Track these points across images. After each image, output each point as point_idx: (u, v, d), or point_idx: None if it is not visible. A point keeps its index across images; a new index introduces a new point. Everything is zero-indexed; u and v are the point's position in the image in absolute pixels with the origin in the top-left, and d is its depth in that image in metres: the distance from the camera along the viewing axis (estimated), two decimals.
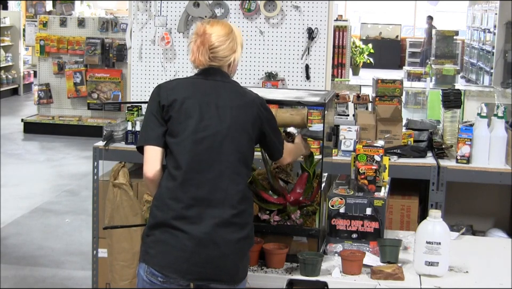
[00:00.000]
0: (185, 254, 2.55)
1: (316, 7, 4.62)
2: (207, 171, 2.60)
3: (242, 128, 2.66)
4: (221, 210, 2.58)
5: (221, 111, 2.66)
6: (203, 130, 2.63)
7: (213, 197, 2.59)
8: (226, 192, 2.60)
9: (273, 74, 4.67)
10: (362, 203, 2.98)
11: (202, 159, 2.61)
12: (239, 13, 4.69)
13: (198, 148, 2.61)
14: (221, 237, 2.57)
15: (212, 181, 2.60)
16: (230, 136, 2.64)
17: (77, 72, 10.20)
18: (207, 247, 2.55)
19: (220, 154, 2.62)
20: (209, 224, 2.56)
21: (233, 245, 2.58)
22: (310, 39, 4.64)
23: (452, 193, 4.33)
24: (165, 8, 4.74)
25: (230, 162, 2.62)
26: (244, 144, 2.66)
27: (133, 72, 4.82)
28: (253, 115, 2.69)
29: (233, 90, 2.74)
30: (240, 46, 2.80)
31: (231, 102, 2.68)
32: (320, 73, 4.68)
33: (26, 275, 5.15)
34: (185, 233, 2.56)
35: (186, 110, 2.64)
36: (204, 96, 2.68)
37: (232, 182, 2.62)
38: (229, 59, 2.74)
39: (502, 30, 11.18)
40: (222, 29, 2.74)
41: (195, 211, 2.57)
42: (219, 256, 2.56)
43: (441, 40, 12.30)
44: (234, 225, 2.60)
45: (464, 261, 2.98)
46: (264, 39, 4.69)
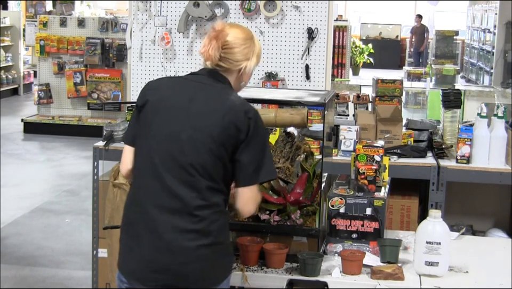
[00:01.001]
0: (144, 261, 2.50)
1: (316, 7, 4.62)
2: (164, 177, 2.49)
3: (207, 135, 2.49)
4: (177, 217, 2.48)
5: (190, 115, 2.51)
6: (165, 135, 2.52)
7: (169, 204, 2.48)
8: (182, 199, 2.47)
9: (273, 74, 4.67)
10: (362, 203, 2.98)
11: (160, 164, 2.51)
12: (239, 13, 4.69)
13: (157, 152, 2.53)
14: (178, 245, 2.46)
15: (168, 188, 2.48)
16: (191, 142, 2.49)
17: (77, 72, 10.20)
18: (164, 254, 2.47)
19: (178, 161, 2.49)
20: (164, 231, 2.47)
21: (192, 252, 2.47)
22: (310, 39, 4.64)
23: (452, 193, 4.33)
24: (165, 8, 4.74)
25: (188, 169, 2.48)
26: (205, 152, 2.48)
27: (133, 72, 4.82)
28: (224, 123, 2.48)
29: (215, 95, 2.56)
30: (256, 56, 2.67)
31: (206, 107, 2.52)
32: (320, 73, 4.68)
33: (26, 275, 5.15)
34: (143, 240, 2.50)
35: (154, 112, 2.56)
36: (179, 99, 2.56)
37: (190, 189, 2.47)
38: (240, 65, 2.62)
39: (502, 30, 11.18)
40: (241, 32, 2.66)
41: (151, 217, 2.50)
42: (177, 264, 2.47)
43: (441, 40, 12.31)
44: (194, 232, 2.47)
45: (464, 261, 2.98)
46: (264, 39, 4.69)
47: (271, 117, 3.06)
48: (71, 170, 8.33)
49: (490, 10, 12.64)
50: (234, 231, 3.00)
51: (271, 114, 3.07)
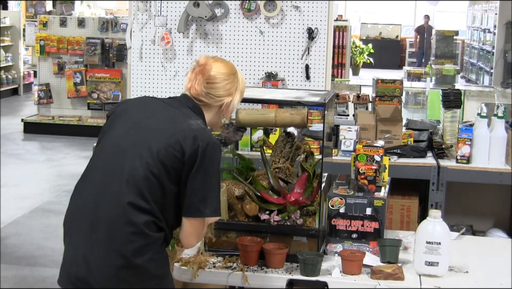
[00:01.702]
0: (65, 268, 2.52)
1: (316, 7, 4.62)
2: (95, 187, 2.46)
3: (147, 148, 2.41)
4: (96, 232, 2.42)
5: (140, 130, 2.47)
6: (111, 144, 2.50)
7: (92, 216, 2.44)
8: (106, 213, 2.40)
9: (273, 74, 4.67)
10: (362, 203, 2.98)
11: (97, 173, 2.49)
12: (239, 13, 4.69)
13: (98, 160, 2.53)
14: (93, 259, 2.41)
15: (95, 197, 2.45)
16: (130, 154, 2.43)
17: (77, 72, 10.20)
18: (80, 266, 2.45)
19: (113, 172, 2.44)
20: (84, 244, 2.45)
21: (106, 269, 2.39)
22: (310, 39, 4.64)
23: (452, 193, 4.33)
24: (165, 8, 4.74)
25: (117, 184, 2.41)
26: (140, 166, 2.40)
27: (133, 72, 4.82)
28: (169, 141, 2.40)
29: (175, 116, 2.50)
30: (239, 93, 2.63)
31: (160, 124, 2.47)
32: (320, 73, 4.68)
33: (26, 275, 5.15)
34: (68, 250, 2.54)
35: (112, 123, 2.57)
36: (138, 114, 2.53)
37: (115, 202, 2.40)
38: (222, 100, 2.58)
39: (502, 30, 11.18)
40: (224, 66, 2.61)
41: (75, 227, 2.52)
42: (91, 279, 2.41)
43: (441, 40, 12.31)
44: (109, 250, 2.39)
45: (464, 261, 2.98)
46: (264, 39, 4.69)
47: (271, 117, 3.06)
48: (71, 170, 8.33)
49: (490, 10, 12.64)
50: (234, 231, 3.00)
51: (271, 114, 3.07)
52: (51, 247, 5.69)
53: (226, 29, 4.71)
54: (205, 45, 4.74)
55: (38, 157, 9.20)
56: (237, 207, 3.02)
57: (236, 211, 3.02)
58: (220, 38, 4.71)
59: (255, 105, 4.19)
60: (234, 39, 4.71)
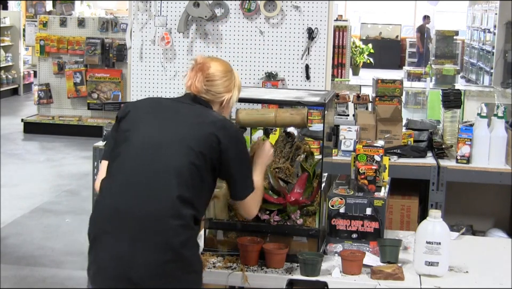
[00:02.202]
0: (102, 267, 2.51)
1: (316, 7, 4.62)
2: (133, 185, 2.48)
3: (187, 143, 2.50)
4: (141, 228, 2.43)
5: (172, 125, 2.56)
6: (140, 144, 2.53)
7: (136, 213, 2.45)
8: (154, 208, 2.44)
9: (273, 74, 4.67)
10: (362, 203, 2.98)
11: (133, 171, 2.50)
12: (239, 13, 4.69)
13: (127, 161, 2.52)
14: (139, 255, 2.42)
15: (136, 195, 2.47)
16: (170, 149, 2.50)
17: (77, 72, 10.20)
18: (122, 263, 2.44)
19: (152, 170, 2.48)
20: (127, 241, 2.44)
21: (153, 263, 2.41)
22: (310, 39, 4.64)
23: (452, 193, 4.33)
24: (165, 8, 4.74)
25: (162, 178, 2.47)
26: (183, 160, 2.48)
27: (133, 72, 4.82)
28: (205, 134, 2.52)
29: (198, 111, 2.62)
30: (237, 89, 2.75)
31: (190, 118, 2.58)
32: (320, 73, 4.68)
33: (26, 275, 5.15)
34: (105, 249, 2.48)
35: (134, 122, 2.59)
36: (159, 112, 2.61)
37: (163, 199, 2.45)
38: (222, 97, 2.69)
39: (502, 30, 11.17)
40: (220, 64, 2.73)
41: (114, 227, 2.48)
42: (135, 275, 2.43)
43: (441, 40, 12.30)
44: (157, 243, 2.42)
45: (464, 261, 2.98)
46: (264, 39, 4.69)
47: (271, 117, 3.06)
48: (71, 170, 8.33)
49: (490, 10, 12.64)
50: (235, 231, 3.00)
51: (271, 114, 3.07)
52: (51, 247, 5.69)
53: (226, 29, 4.71)
54: (205, 45, 4.74)
55: (38, 157, 9.20)
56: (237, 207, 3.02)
57: (236, 211, 3.02)
58: (220, 38, 4.71)
59: (255, 105, 4.20)
60: (234, 39, 4.71)
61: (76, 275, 5.12)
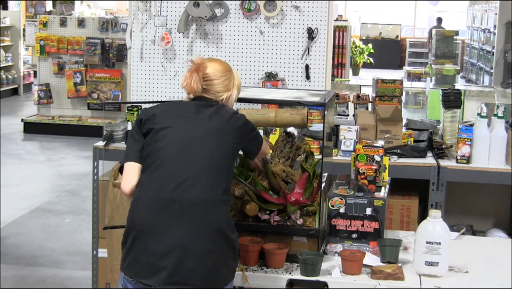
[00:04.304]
0: (152, 260, 2.54)
1: (316, 7, 4.62)
2: (182, 176, 2.58)
3: (218, 135, 2.66)
4: (195, 217, 2.54)
5: (198, 122, 2.67)
6: (178, 140, 2.63)
7: (183, 203, 2.54)
8: (198, 197, 2.55)
9: (273, 74, 4.67)
10: (362, 203, 2.98)
11: (178, 164, 2.60)
12: (239, 13, 4.69)
13: (174, 154, 2.62)
14: (189, 243, 2.53)
15: (186, 185, 2.57)
16: (208, 143, 2.64)
17: (77, 72, 10.20)
18: (176, 254, 2.52)
19: (193, 160, 2.60)
20: (182, 231, 2.52)
21: (206, 245, 2.54)
22: (310, 39, 4.64)
23: (452, 193, 4.33)
24: (165, 8, 4.74)
25: (202, 168, 2.60)
26: (220, 151, 2.65)
27: (133, 72, 4.82)
28: (234, 125, 2.70)
29: (213, 107, 2.74)
30: (236, 88, 2.82)
31: (213, 114, 2.70)
32: (320, 73, 4.68)
33: (26, 275, 5.15)
34: (159, 242, 2.53)
35: (163, 121, 2.68)
36: (184, 111, 2.72)
37: (206, 186, 2.58)
38: (221, 96, 2.77)
39: (502, 30, 11.17)
40: (219, 64, 2.80)
41: (164, 218, 2.55)
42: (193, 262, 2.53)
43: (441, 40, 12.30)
44: (210, 230, 2.55)
45: (464, 261, 2.98)
46: (264, 39, 4.69)
47: (271, 117, 3.06)
48: (71, 170, 8.33)
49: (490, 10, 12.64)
50: None
51: (271, 114, 3.07)
52: (51, 247, 5.69)
53: (226, 29, 4.71)
54: (205, 45, 4.74)
55: (38, 157, 9.20)
56: (237, 207, 3.02)
57: (236, 211, 3.02)
58: (220, 38, 4.71)
59: (255, 105, 4.20)
60: (234, 39, 4.71)
61: (76, 275, 5.12)
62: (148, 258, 2.52)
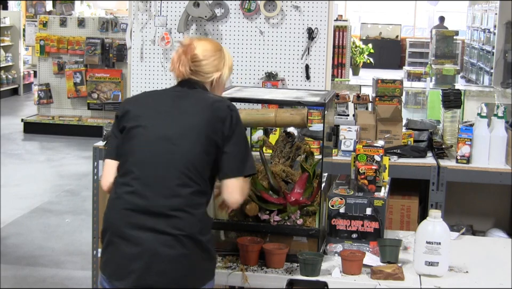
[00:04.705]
0: (122, 263, 2.51)
1: (316, 7, 4.62)
2: (151, 177, 2.51)
3: (196, 133, 2.53)
4: (160, 222, 2.47)
5: (175, 116, 2.57)
6: (152, 138, 2.55)
7: (152, 209, 2.48)
8: (166, 204, 2.48)
9: (273, 74, 4.67)
10: (362, 203, 2.98)
11: (146, 164, 2.52)
12: (239, 13, 4.69)
13: (144, 152, 2.54)
14: (158, 248, 2.46)
15: (153, 189, 2.50)
16: (180, 142, 2.52)
17: (77, 72, 10.20)
18: (145, 257, 2.47)
19: (166, 164, 2.51)
20: (150, 236, 2.47)
21: (176, 257, 2.47)
22: (310, 39, 4.64)
23: (452, 193, 4.33)
24: (165, 8, 4.74)
25: (172, 172, 2.50)
26: (194, 151, 2.52)
27: (133, 72, 4.82)
28: (210, 118, 2.55)
29: (195, 96, 2.62)
30: (228, 68, 2.74)
31: (190, 106, 2.59)
32: (320, 73, 4.68)
33: (26, 275, 5.15)
34: (127, 245, 2.49)
35: (137, 118, 2.59)
36: (160, 105, 2.61)
37: (176, 190, 2.49)
38: (211, 77, 2.68)
39: (502, 30, 11.18)
40: (209, 43, 2.72)
41: (135, 222, 2.49)
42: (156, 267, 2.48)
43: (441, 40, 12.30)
44: (173, 236, 2.47)
45: (464, 261, 2.98)
46: (264, 39, 4.69)
47: (271, 117, 3.06)
48: (71, 170, 8.33)
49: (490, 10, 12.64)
50: (235, 231, 3.00)
51: (271, 114, 3.07)
52: (51, 247, 5.69)
53: (226, 29, 4.71)
54: None
55: (38, 157, 9.20)
56: None
57: (236, 211, 3.02)
58: (220, 38, 4.71)
59: (255, 105, 4.20)
60: (234, 39, 4.71)
61: (76, 275, 5.12)
62: (119, 260, 2.50)
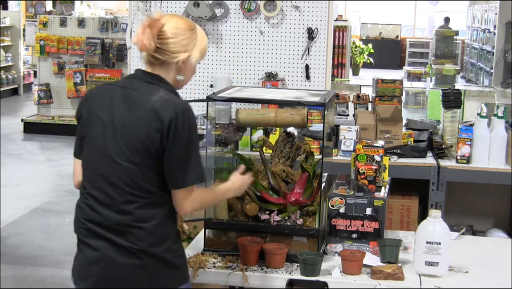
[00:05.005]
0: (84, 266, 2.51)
1: (316, 7, 4.63)
2: (95, 195, 2.44)
3: (133, 148, 2.37)
4: (112, 235, 2.42)
5: (114, 129, 2.41)
6: (95, 151, 2.45)
7: (106, 221, 2.43)
8: (114, 219, 2.41)
9: (273, 74, 4.67)
10: (362, 203, 2.98)
11: (94, 180, 2.45)
12: (239, 13, 4.69)
13: (90, 168, 2.47)
14: (113, 256, 2.43)
15: (101, 204, 2.44)
16: (119, 157, 2.39)
17: (77, 72, 10.21)
18: (101, 262, 2.45)
19: (111, 180, 2.41)
20: (106, 244, 2.44)
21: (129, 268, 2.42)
22: (310, 39, 4.64)
23: (452, 193, 4.33)
24: (165, 8, 4.74)
25: (120, 189, 2.40)
26: (135, 169, 2.38)
27: None
28: (148, 130, 2.36)
29: (138, 100, 2.42)
30: (199, 50, 2.52)
31: (129, 116, 2.40)
32: (320, 73, 4.68)
33: (26, 275, 5.15)
34: (87, 251, 2.48)
35: (87, 127, 2.48)
36: (104, 112, 2.44)
37: (119, 209, 2.41)
38: (177, 57, 2.46)
39: (502, 30, 11.18)
40: (181, 21, 2.51)
41: (93, 230, 2.46)
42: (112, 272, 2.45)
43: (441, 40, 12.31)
44: (126, 249, 2.42)
45: (464, 261, 2.98)
46: (264, 39, 4.69)
47: (271, 117, 3.06)
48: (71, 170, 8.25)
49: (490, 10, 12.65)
50: (234, 231, 3.00)
51: (271, 114, 3.07)
52: (51, 247, 5.69)
53: (226, 29, 4.71)
54: None
55: (38, 157, 9.20)
56: (237, 207, 3.02)
57: (236, 211, 3.02)
58: (220, 38, 4.72)
59: (255, 105, 4.20)
60: (234, 39, 4.71)
61: None
62: (82, 262, 2.51)
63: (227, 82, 4.45)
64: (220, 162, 3.11)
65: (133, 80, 2.51)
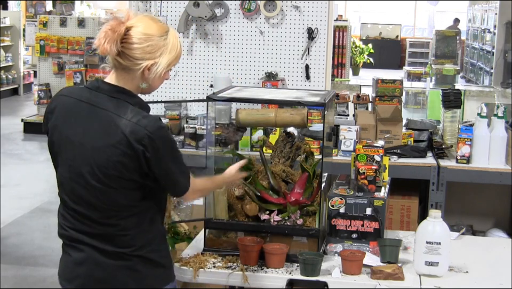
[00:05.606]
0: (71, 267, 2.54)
1: (316, 7, 4.62)
2: (79, 209, 2.38)
3: (108, 173, 2.26)
4: (98, 241, 2.40)
5: (87, 151, 2.29)
6: (69, 171, 2.34)
7: (87, 231, 2.41)
8: (100, 228, 2.38)
9: (273, 74, 4.67)
10: (362, 203, 2.98)
11: (72, 198, 2.37)
12: (239, 13, 4.69)
13: (68, 185, 2.37)
14: (98, 258, 2.42)
15: (84, 221, 2.40)
16: (93, 180, 2.29)
17: (77, 72, 10.20)
18: (87, 264, 2.46)
19: (86, 201, 2.34)
20: (89, 248, 2.43)
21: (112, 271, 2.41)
22: (310, 39, 4.64)
23: (452, 193, 4.33)
24: (165, 8, 4.74)
25: (96, 210, 2.34)
26: (109, 192, 2.30)
27: None
28: (122, 154, 2.24)
29: (107, 121, 2.26)
30: (167, 58, 2.33)
31: (100, 140, 2.27)
32: (320, 73, 4.68)
33: (26, 275, 5.15)
34: (74, 248, 2.50)
35: (55, 146, 2.37)
36: (74, 131, 2.31)
37: (104, 221, 2.36)
38: (140, 65, 2.28)
39: (502, 30, 11.18)
40: (152, 26, 2.33)
41: (77, 236, 2.47)
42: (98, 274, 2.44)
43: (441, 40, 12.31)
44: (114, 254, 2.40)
45: (464, 261, 2.98)
46: (264, 39, 4.69)
47: (271, 117, 3.06)
48: None
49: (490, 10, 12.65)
50: (234, 231, 3.00)
51: (271, 114, 3.07)
52: (51, 247, 5.68)
53: (226, 29, 4.71)
54: (205, 45, 4.74)
55: (38, 157, 9.20)
56: (237, 207, 3.02)
57: (236, 211, 3.02)
58: (220, 38, 4.71)
59: (255, 105, 4.20)
60: (234, 39, 4.71)
61: None
62: (67, 264, 2.54)
63: (227, 82, 4.45)
64: (219, 162, 3.11)
65: (96, 93, 2.32)
